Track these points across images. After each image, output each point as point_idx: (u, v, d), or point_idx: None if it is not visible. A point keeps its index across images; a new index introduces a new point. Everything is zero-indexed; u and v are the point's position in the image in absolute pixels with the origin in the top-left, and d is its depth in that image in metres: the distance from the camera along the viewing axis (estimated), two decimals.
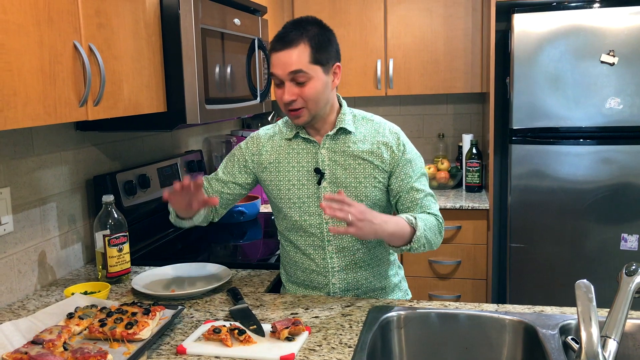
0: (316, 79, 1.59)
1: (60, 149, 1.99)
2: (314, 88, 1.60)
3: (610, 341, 1.10)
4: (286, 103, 1.61)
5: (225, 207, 1.84)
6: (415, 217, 1.59)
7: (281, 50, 1.58)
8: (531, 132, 2.94)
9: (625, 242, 2.87)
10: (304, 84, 1.59)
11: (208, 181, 1.82)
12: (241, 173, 1.78)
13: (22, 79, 1.25)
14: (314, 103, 1.61)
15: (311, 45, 1.58)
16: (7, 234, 1.75)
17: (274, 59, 1.61)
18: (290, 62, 1.57)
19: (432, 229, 1.63)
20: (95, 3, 1.51)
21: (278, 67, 1.59)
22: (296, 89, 1.59)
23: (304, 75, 1.57)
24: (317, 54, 1.59)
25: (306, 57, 1.57)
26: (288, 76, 1.58)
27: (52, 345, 1.29)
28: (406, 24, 3.37)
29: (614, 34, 2.77)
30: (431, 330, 1.56)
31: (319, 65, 1.60)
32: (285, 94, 1.59)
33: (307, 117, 1.63)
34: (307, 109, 1.62)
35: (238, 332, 1.40)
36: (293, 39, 1.57)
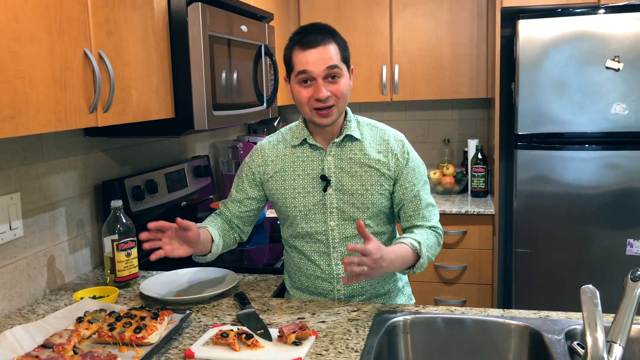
0: (345, 76, 1.64)
1: (70, 154, 2.01)
2: (346, 85, 1.64)
3: (615, 346, 1.10)
4: (320, 100, 1.60)
5: (249, 224, 1.86)
6: (420, 242, 1.62)
7: (316, 46, 1.59)
8: (536, 138, 2.94)
9: (631, 248, 2.87)
10: (337, 80, 1.61)
11: (225, 205, 1.84)
12: (252, 187, 1.80)
13: (33, 86, 1.27)
14: (344, 101, 1.64)
15: (339, 44, 1.63)
16: (17, 238, 1.77)
17: (306, 55, 1.59)
18: (328, 57, 1.59)
19: (432, 247, 1.69)
20: (105, 11, 1.53)
21: (312, 63, 1.59)
22: (329, 86, 1.61)
23: (339, 70, 1.61)
24: (344, 53, 1.64)
25: (338, 55, 1.62)
26: (324, 72, 1.59)
27: (62, 349, 1.30)
28: (411, 30, 3.38)
29: (619, 39, 2.78)
30: (437, 335, 1.57)
31: (345, 64, 1.64)
32: (322, 90, 1.59)
33: (336, 115, 1.65)
34: (337, 107, 1.63)
35: (245, 336, 1.41)
36: (325, 37, 1.61)
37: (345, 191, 1.70)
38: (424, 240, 1.64)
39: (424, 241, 1.64)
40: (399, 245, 1.60)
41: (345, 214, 1.70)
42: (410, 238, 1.63)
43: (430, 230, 1.72)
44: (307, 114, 1.65)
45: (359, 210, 1.70)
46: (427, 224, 1.72)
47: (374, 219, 1.72)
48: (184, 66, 1.89)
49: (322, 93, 1.59)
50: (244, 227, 1.85)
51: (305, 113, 1.66)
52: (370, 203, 1.69)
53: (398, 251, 1.57)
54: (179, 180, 2.54)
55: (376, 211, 1.71)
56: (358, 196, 1.69)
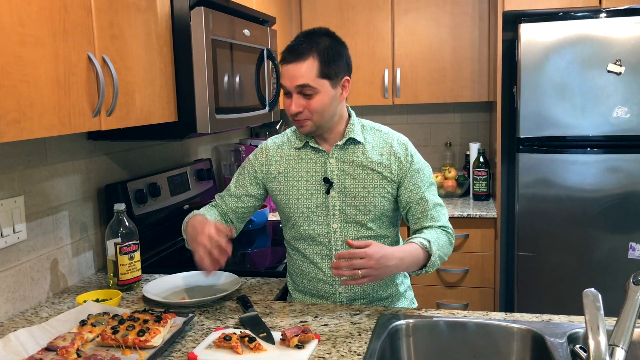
0: (323, 93, 1.62)
1: (73, 158, 2.01)
2: (320, 101, 1.62)
3: (618, 350, 1.11)
4: (292, 114, 1.65)
5: (242, 221, 1.87)
6: (429, 240, 1.61)
7: (290, 62, 1.61)
8: (538, 141, 2.95)
9: (633, 251, 2.87)
10: (311, 96, 1.62)
11: (221, 198, 1.84)
12: (252, 185, 1.81)
13: (38, 90, 1.28)
14: (319, 115, 1.64)
15: (320, 59, 1.60)
16: (20, 242, 1.77)
17: (283, 70, 1.64)
18: (297, 75, 1.60)
19: (444, 246, 1.67)
20: (109, 15, 1.54)
21: (286, 79, 1.63)
22: (303, 101, 1.62)
23: (310, 89, 1.61)
24: (325, 68, 1.61)
25: (314, 72, 1.60)
26: (295, 89, 1.61)
27: (65, 352, 1.31)
28: (413, 34, 3.39)
29: (621, 43, 2.78)
30: (439, 338, 1.57)
31: (326, 80, 1.62)
32: (293, 105, 1.63)
33: (311, 127, 1.67)
34: (312, 120, 1.65)
35: (248, 339, 1.42)
36: (302, 52, 1.60)
37: (347, 194, 1.70)
38: (433, 239, 1.63)
39: (433, 239, 1.63)
40: (407, 245, 1.60)
41: (348, 217, 1.71)
42: (420, 237, 1.63)
43: (440, 230, 1.70)
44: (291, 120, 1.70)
45: (361, 213, 1.70)
46: (437, 223, 1.71)
47: (376, 222, 1.72)
48: (186, 70, 1.89)
49: (292, 108, 1.64)
50: (237, 223, 1.85)
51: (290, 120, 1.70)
52: (372, 206, 1.70)
53: (406, 249, 1.57)
54: (181, 183, 2.54)
55: (378, 214, 1.71)
56: (360, 199, 1.70)
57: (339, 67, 1.64)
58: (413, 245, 1.59)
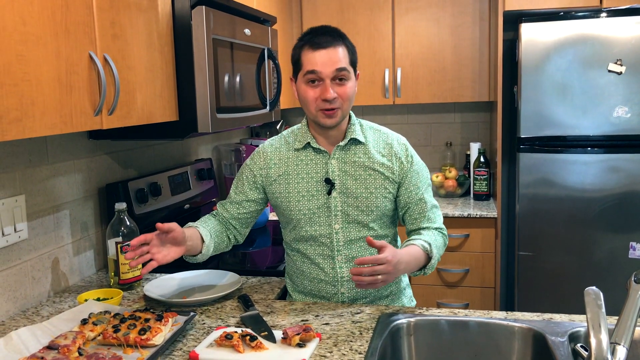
0: (352, 80, 1.66)
1: (74, 157, 2.01)
2: (352, 88, 1.65)
3: (619, 348, 1.11)
4: (327, 100, 1.61)
5: (246, 226, 1.86)
6: (430, 243, 1.64)
7: (327, 47, 1.60)
8: (539, 141, 2.95)
9: (634, 251, 2.87)
10: (345, 82, 1.62)
11: (223, 206, 1.84)
12: (252, 190, 1.80)
13: (40, 89, 1.28)
14: (349, 103, 1.66)
15: (348, 48, 1.64)
16: (21, 240, 1.77)
17: (315, 56, 1.60)
18: (337, 59, 1.60)
19: (440, 248, 1.72)
20: (110, 14, 1.54)
21: (321, 64, 1.60)
22: (336, 88, 1.62)
23: (347, 73, 1.62)
24: (352, 56, 1.65)
25: (347, 57, 1.63)
26: (332, 73, 1.60)
27: (67, 351, 1.31)
28: (414, 34, 3.39)
29: (622, 43, 2.78)
30: (441, 337, 1.57)
31: (352, 68, 1.66)
32: (329, 91, 1.60)
33: (340, 117, 1.66)
34: (342, 109, 1.64)
35: (250, 338, 1.42)
36: (334, 39, 1.62)
37: (349, 194, 1.70)
38: (433, 242, 1.67)
39: (433, 242, 1.66)
40: (411, 247, 1.62)
41: (350, 217, 1.71)
42: (421, 240, 1.65)
43: (436, 232, 1.74)
44: (312, 114, 1.66)
45: (363, 214, 1.70)
46: (433, 225, 1.74)
47: (377, 222, 1.73)
48: (188, 69, 1.89)
49: (330, 94, 1.60)
50: (241, 229, 1.85)
51: (310, 113, 1.66)
52: (374, 206, 1.70)
53: (412, 253, 1.60)
54: (182, 183, 2.55)
55: (380, 214, 1.72)
56: (362, 199, 1.70)
57: (357, 58, 1.69)
58: (415, 247, 1.62)
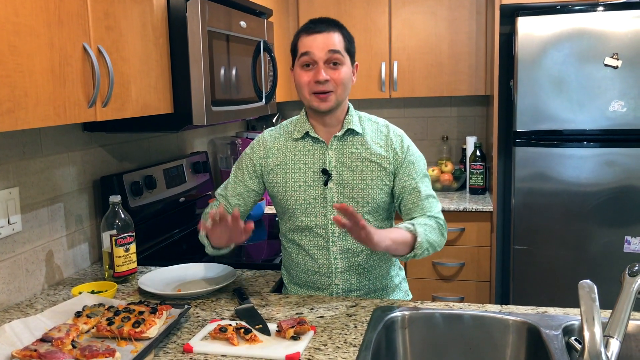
0: (347, 66, 1.67)
1: (68, 149, 2.01)
2: (346, 73, 1.67)
3: (612, 341, 1.11)
4: (319, 82, 1.63)
5: (243, 216, 1.86)
6: (413, 223, 1.61)
7: (322, 32, 1.65)
8: (535, 135, 2.95)
9: (629, 245, 2.88)
10: (338, 67, 1.65)
11: (222, 196, 1.83)
12: (252, 179, 1.80)
13: (33, 80, 1.27)
14: (343, 89, 1.66)
15: (344, 36, 1.68)
16: (15, 233, 1.77)
17: (309, 39, 1.65)
18: (331, 42, 1.64)
19: (433, 231, 1.65)
20: (104, 5, 1.53)
21: (315, 47, 1.64)
22: (330, 72, 1.64)
23: (340, 56, 1.65)
24: (348, 44, 1.68)
25: (343, 43, 1.66)
26: (325, 55, 1.63)
27: (60, 343, 1.30)
28: (410, 27, 3.38)
29: (618, 37, 2.78)
30: (435, 330, 1.57)
31: (349, 55, 1.68)
32: (321, 73, 1.63)
33: (334, 102, 1.66)
34: (335, 94, 1.65)
35: (244, 331, 1.42)
36: (330, 26, 1.66)
37: (345, 185, 1.70)
38: (418, 223, 1.62)
39: (418, 223, 1.62)
40: (393, 228, 1.65)
41: None
42: (404, 223, 1.64)
43: (429, 217, 1.69)
44: (306, 98, 1.68)
45: (359, 205, 1.70)
46: (427, 213, 1.70)
47: (373, 214, 1.73)
48: (183, 62, 1.88)
49: (321, 75, 1.63)
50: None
51: (305, 97, 1.68)
52: (370, 198, 1.70)
53: (391, 230, 1.61)
54: (177, 176, 2.54)
55: (375, 206, 1.72)
56: (358, 190, 1.69)
57: (354, 50, 1.72)
58: (397, 229, 1.61)
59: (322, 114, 1.69)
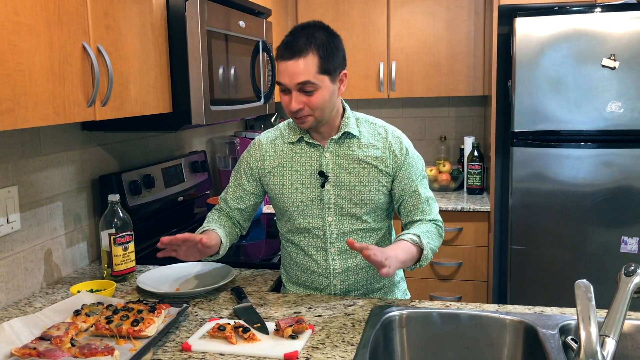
0: (323, 88, 1.59)
1: (67, 148, 2.01)
2: (321, 97, 1.59)
3: (608, 340, 1.12)
4: (293, 111, 1.61)
5: (247, 219, 1.87)
6: (419, 235, 1.63)
7: (289, 59, 1.56)
8: (532, 135, 2.96)
9: (626, 245, 2.89)
10: (312, 93, 1.58)
11: (224, 200, 1.84)
12: (250, 182, 1.80)
13: (32, 79, 1.28)
14: (321, 111, 1.62)
15: (319, 54, 1.57)
16: (14, 232, 1.77)
17: (281, 67, 1.59)
18: (298, 72, 1.55)
19: (434, 238, 1.69)
20: (104, 5, 1.53)
21: (285, 76, 1.58)
22: (303, 98, 1.59)
23: (311, 85, 1.57)
24: (324, 64, 1.58)
25: (314, 68, 1.56)
26: (295, 86, 1.57)
27: (59, 341, 1.31)
28: (409, 27, 3.39)
29: (615, 38, 2.79)
30: (433, 329, 1.58)
31: (326, 75, 1.59)
32: (293, 103, 1.59)
33: (313, 122, 1.65)
34: (314, 116, 1.63)
35: (242, 330, 1.42)
36: (301, 48, 1.56)
37: (342, 187, 1.70)
38: (422, 233, 1.65)
39: (423, 233, 1.65)
40: (400, 243, 1.61)
41: (343, 210, 1.71)
42: (409, 234, 1.64)
43: (430, 223, 1.73)
44: (290, 117, 1.68)
45: (357, 207, 1.70)
46: (427, 217, 1.73)
47: (371, 215, 1.73)
48: (181, 61, 1.89)
49: (292, 105, 1.60)
50: (243, 222, 1.86)
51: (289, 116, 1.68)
52: (367, 199, 1.70)
53: (398, 245, 1.59)
54: (175, 175, 2.54)
55: (373, 207, 1.72)
56: (356, 192, 1.70)
57: (336, 61, 1.62)
58: (404, 242, 1.61)
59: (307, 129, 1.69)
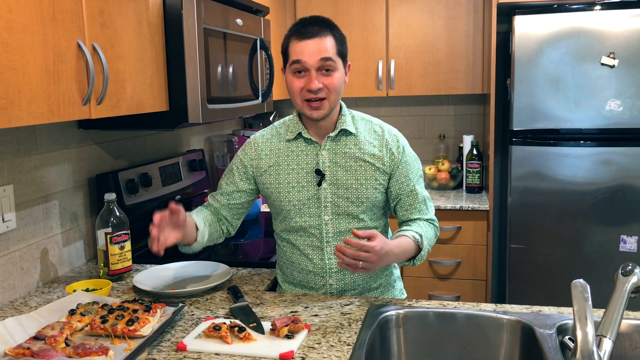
0: (340, 71, 1.63)
1: (63, 147, 2.00)
2: (339, 79, 1.63)
3: (605, 340, 1.11)
4: (311, 91, 1.59)
5: (238, 217, 1.85)
6: (421, 235, 1.65)
7: (312, 37, 1.59)
8: (531, 134, 2.95)
9: (625, 244, 2.88)
10: (331, 73, 1.60)
11: (213, 197, 1.83)
12: (243, 180, 1.79)
13: (26, 78, 1.27)
14: (336, 95, 1.63)
15: (336, 38, 1.62)
16: (10, 231, 1.76)
17: (300, 46, 1.59)
18: (323, 49, 1.58)
19: (431, 239, 1.73)
20: (99, 3, 1.52)
21: (307, 54, 1.58)
22: (322, 78, 1.60)
23: (333, 63, 1.60)
24: (341, 47, 1.63)
25: (334, 48, 1.61)
26: (318, 63, 1.58)
27: (54, 341, 1.30)
28: (408, 25, 3.38)
29: (615, 36, 2.78)
30: (429, 329, 1.57)
31: (341, 59, 1.63)
32: (313, 81, 1.59)
33: (327, 109, 1.64)
34: (329, 100, 1.62)
35: (238, 329, 1.41)
36: (322, 29, 1.60)
37: (339, 185, 1.70)
38: (424, 233, 1.67)
39: (424, 234, 1.67)
40: (402, 239, 1.63)
41: (340, 209, 1.70)
42: (412, 231, 1.66)
43: (427, 223, 1.75)
44: (298, 105, 1.66)
45: (354, 205, 1.70)
46: (424, 217, 1.75)
47: (367, 214, 1.72)
48: (178, 59, 1.88)
49: (314, 84, 1.59)
50: (232, 221, 1.84)
51: (297, 104, 1.66)
52: (364, 197, 1.70)
53: (402, 245, 1.61)
54: (173, 173, 2.53)
55: (370, 205, 1.71)
56: (353, 190, 1.69)
57: (346, 49, 1.67)
58: (406, 239, 1.63)
59: (315, 120, 1.68)
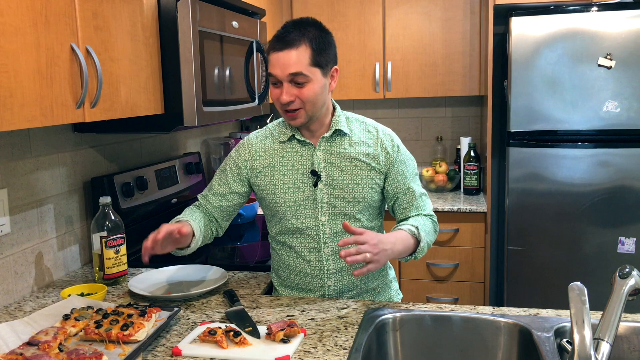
0: (315, 81, 1.59)
1: (58, 150, 1.99)
2: (312, 90, 1.59)
3: (603, 344, 1.10)
4: (283, 103, 1.60)
5: (227, 219, 1.84)
6: (417, 227, 1.64)
7: (281, 50, 1.57)
8: (529, 135, 2.94)
9: (623, 245, 2.87)
10: (303, 85, 1.58)
11: (204, 198, 1.82)
12: (236, 182, 1.78)
13: (18, 81, 1.26)
14: (312, 105, 1.61)
15: (312, 47, 1.58)
16: (4, 235, 1.75)
17: (273, 58, 1.59)
18: (290, 63, 1.56)
19: (430, 232, 1.71)
20: (93, 5, 1.51)
21: (277, 67, 1.58)
22: (294, 90, 1.58)
23: (303, 77, 1.57)
24: (317, 57, 1.58)
25: (306, 59, 1.57)
26: (287, 77, 1.57)
27: (47, 347, 1.29)
28: (404, 27, 3.37)
29: (612, 37, 2.78)
30: (426, 332, 1.56)
31: (318, 68, 1.59)
32: (284, 95, 1.58)
33: (304, 118, 1.63)
34: (305, 110, 1.62)
35: (233, 334, 1.40)
36: (294, 39, 1.56)
37: (335, 186, 1.69)
38: (421, 225, 1.66)
39: (421, 226, 1.66)
40: (397, 231, 1.62)
41: (336, 209, 1.70)
42: (408, 225, 1.65)
43: (425, 217, 1.74)
44: (280, 112, 1.66)
45: (350, 205, 1.69)
46: (423, 212, 1.75)
47: (364, 213, 1.72)
48: (173, 62, 1.87)
49: (283, 97, 1.59)
50: (222, 222, 1.83)
51: (279, 111, 1.66)
52: (361, 197, 1.69)
53: (397, 235, 1.60)
54: (169, 177, 2.52)
55: (366, 205, 1.71)
56: (349, 190, 1.69)
57: (328, 56, 1.62)
58: (402, 232, 1.62)
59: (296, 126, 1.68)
